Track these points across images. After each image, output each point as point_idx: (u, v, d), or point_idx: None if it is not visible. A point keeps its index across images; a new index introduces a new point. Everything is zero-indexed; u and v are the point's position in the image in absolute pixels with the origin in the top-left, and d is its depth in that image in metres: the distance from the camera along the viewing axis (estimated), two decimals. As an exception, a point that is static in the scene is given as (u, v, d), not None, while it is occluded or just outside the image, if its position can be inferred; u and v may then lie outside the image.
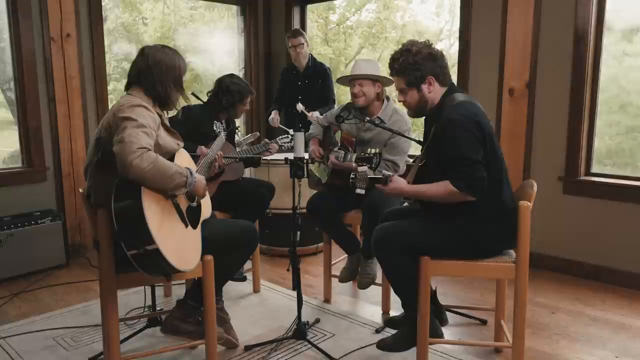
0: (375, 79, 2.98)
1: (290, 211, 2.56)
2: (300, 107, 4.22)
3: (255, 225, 3.25)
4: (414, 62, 2.16)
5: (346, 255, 3.15)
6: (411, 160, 2.96)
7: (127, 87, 2.15)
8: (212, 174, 2.72)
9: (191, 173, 1.97)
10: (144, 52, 2.11)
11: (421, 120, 2.51)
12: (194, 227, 2.08)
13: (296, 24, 5.14)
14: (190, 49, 5.35)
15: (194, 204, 2.13)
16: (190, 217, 2.06)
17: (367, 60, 3.06)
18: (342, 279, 3.12)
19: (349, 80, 3.03)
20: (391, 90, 2.93)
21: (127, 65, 5.08)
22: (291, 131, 3.49)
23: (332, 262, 3.21)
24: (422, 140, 2.61)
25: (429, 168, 2.22)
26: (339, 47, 9.45)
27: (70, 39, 3.93)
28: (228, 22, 5.38)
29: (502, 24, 3.65)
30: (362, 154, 2.36)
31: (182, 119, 3.05)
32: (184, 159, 2.17)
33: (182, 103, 2.41)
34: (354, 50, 9.40)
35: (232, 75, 3.25)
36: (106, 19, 5.39)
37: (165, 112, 2.19)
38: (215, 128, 3.08)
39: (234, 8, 5.30)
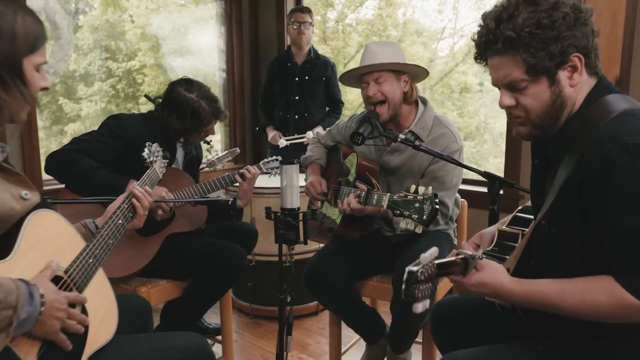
0: (399, 70, 1.91)
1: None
2: (283, 142, 3.17)
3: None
4: (550, 24, 1.04)
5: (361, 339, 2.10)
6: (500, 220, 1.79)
7: None
8: (132, 228, 1.45)
9: (31, 294, 0.90)
10: None
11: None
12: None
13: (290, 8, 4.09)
14: (162, 42, 4.38)
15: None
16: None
17: (383, 44, 1.93)
18: (359, 381, 2.06)
19: (359, 77, 1.94)
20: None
21: (112, 65, 4.13)
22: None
23: (343, 350, 2.15)
24: (510, 181, 1.55)
25: (553, 242, 1.14)
26: (338, 46, 8.86)
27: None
28: (205, 6, 4.34)
29: (580, -3, 2.63)
30: (404, 194, 1.32)
31: (107, 137, 1.95)
32: (46, 236, 1.08)
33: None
34: (354, 49, 8.83)
35: (188, 82, 2.08)
36: (84, 13, 4.47)
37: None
38: (144, 154, 1.74)
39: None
